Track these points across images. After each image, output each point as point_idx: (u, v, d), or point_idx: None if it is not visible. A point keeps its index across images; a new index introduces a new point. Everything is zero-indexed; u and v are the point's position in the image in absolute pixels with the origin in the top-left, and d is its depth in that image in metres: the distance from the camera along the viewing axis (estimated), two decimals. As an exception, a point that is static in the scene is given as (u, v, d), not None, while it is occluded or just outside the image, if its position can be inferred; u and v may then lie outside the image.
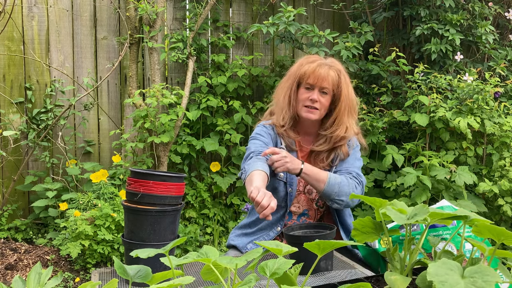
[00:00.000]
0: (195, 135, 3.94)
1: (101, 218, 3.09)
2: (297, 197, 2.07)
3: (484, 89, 3.36)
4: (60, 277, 1.01)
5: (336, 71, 1.99)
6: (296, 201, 2.07)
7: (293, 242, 1.61)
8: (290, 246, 0.99)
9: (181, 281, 0.89)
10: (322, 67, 1.97)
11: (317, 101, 1.97)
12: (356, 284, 0.94)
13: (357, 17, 4.25)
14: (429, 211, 1.00)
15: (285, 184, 2.04)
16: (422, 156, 3.39)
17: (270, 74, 4.09)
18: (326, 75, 1.96)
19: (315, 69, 1.97)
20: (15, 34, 3.73)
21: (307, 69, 1.98)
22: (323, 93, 1.98)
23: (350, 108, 2.03)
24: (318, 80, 1.96)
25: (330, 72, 1.97)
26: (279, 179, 2.04)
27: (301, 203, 2.07)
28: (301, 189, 2.07)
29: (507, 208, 3.22)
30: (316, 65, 1.98)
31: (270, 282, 1.05)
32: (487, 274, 0.81)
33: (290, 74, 2.06)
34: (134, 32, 3.73)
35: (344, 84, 2.00)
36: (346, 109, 2.01)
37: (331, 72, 1.98)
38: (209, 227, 3.78)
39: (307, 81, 1.98)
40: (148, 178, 1.54)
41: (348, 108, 2.02)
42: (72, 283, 3.00)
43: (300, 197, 2.07)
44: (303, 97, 2.00)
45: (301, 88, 2.01)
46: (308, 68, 1.98)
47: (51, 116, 3.67)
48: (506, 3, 4.18)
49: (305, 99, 1.99)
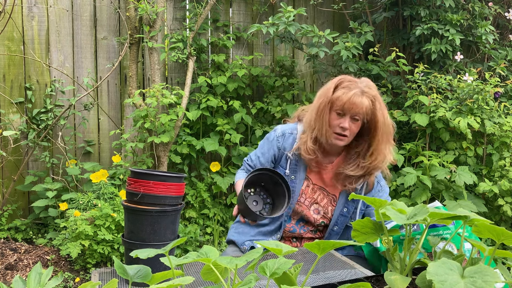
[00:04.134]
0: (195, 135, 3.94)
1: (101, 218, 3.09)
2: (297, 208, 2.07)
3: (484, 89, 3.36)
4: (60, 277, 1.01)
5: (370, 98, 1.94)
6: (294, 214, 2.08)
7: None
8: (289, 246, 0.99)
9: (181, 281, 0.89)
10: (357, 95, 1.91)
11: (347, 128, 1.94)
12: (356, 284, 0.94)
13: (357, 17, 4.25)
14: (429, 211, 1.00)
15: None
16: (422, 156, 3.39)
17: (270, 74, 4.09)
18: (360, 104, 1.91)
19: (350, 98, 1.91)
20: (15, 34, 3.73)
21: (341, 97, 1.93)
22: (354, 119, 1.95)
23: (388, 135, 1.99)
24: (352, 109, 1.92)
25: (364, 100, 1.92)
26: None
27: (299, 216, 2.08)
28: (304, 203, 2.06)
29: (507, 208, 3.22)
30: (352, 94, 1.91)
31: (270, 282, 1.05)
32: (487, 274, 0.81)
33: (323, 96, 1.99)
34: (134, 32, 3.73)
35: (379, 111, 1.95)
36: (384, 137, 1.97)
37: (365, 101, 1.92)
38: (209, 227, 3.78)
39: (340, 107, 1.93)
40: (148, 178, 1.54)
41: (386, 136, 1.98)
42: (72, 283, 3.00)
43: (300, 209, 2.07)
44: (334, 123, 1.96)
45: (332, 112, 1.96)
46: (342, 96, 1.92)
47: (51, 116, 3.67)
48: (506, 3, 4.18)
49: (336, 126, 1.95)
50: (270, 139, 2.11)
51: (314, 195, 2.06)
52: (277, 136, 2.09)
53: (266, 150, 2.10)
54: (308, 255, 1.70)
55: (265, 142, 2.13)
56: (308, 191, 2.05)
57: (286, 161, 2.05)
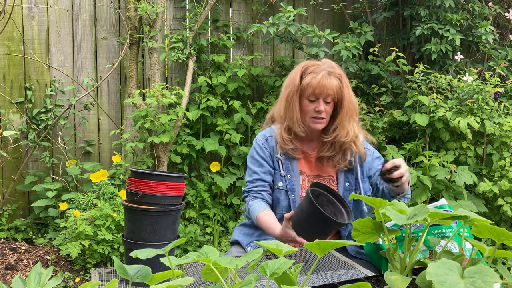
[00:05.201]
0: (195, 135, 3.94)
1: (101, 218, 3.09)
2: None
3: (484, 89, 3.36)
4: (60, 277, 1.01)
5: (337, 78, 1.97)
6: None
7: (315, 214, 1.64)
8: (290, 246, 0.99)
9: (181, 281, 0.89)
10: (325, 77, 1.94)
11: (323, 111, 1.97)
12: (356, 284, 0.94)
13: (357, 17, 4.25)
14: (429, 211, 1.00)
15: (286, 192, 2.04)
16: (422, 156, 3.39)
17: (270, 74, 4.09)
18: (330, 85, 1.94)
19: (319, 81, 1.93)
20: (15, 34, 3.73)
21: (310, 82, 1.95)
22: (326, 102, 1.97)
23: (352, 111, 2.02)
24: (323, 92, 1.94)
25: (333, 81, 1.95)
26: (279, 188, 2.04)
27: None
28: None
29: (507, 208, 3.22)
30: (321, 77, 1.94)
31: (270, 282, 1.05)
32: (486, 274, 0.81)
33: (291, 85, 2.01)
34: (134, 32, 3.73)
35: (345, 88, 1.98)
36: (348, 113, 2.00)
37: (334, 81, 1.95)
38: (209, 227, 3.78)
39: (311, 93, 1.96)
40: (148, 178, 1.54)
41: (350, 113, 2.01)
42: (72, 283, 3.00)
43: None
44: (308, 109, 1.98)
45: (304, 100, 1.98)
46: (311, 81, 1.95)
47: (51, 116, 3.67)
48: (506, 3, 4.18)
49: (311, 111, 1.97)
50: (258, 150, 2.08)
51: None
52: (262, 144, 2.08)
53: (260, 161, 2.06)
54: (308, 255, 1.70)
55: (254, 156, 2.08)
56: (306, 184, 2.06)
57: (278, 163, 2.06)
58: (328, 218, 1.63)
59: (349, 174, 2.07)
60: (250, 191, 2.06)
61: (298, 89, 1.98)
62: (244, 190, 2.09)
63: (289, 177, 2.04)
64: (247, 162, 2.12)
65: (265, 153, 2.06)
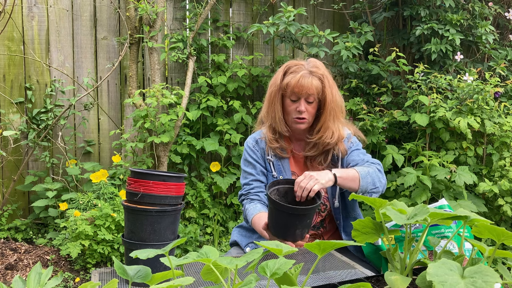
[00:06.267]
0: (195, 135, 3.94)
1: (101, 218, 3.09)
2: None
3: (484, 89, 3.36)
4: (60, 277, 1.01)
5: (319, 78, 1.96)
6: None
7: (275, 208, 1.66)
8: (289, 246, 0.99)
9: (181, 281, 0.89)
10: (305, 77, 1.93)
11: (304, 111, 1.96)
12: (356, 284, 0.94)
13: (357, 17, 4.25)
14: (429, 211, 1.00)
15: None
16: (422, 156, 3.39)
17: (270, 74, 4.09)
18: (309, 85, 1.93)
19: (298, 81, 1.93)
20: (15, 34, 3.73)
21: (289, 82, 1.95)
22: (308, 102, 1.97)
23: (336, 111, 2.01)
24: (303, 92, 1.94)
25: (313, 81, 1.94)
26: None
27: None
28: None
29: (507, 208, 3.22)
30: (299, 76, 1.93)
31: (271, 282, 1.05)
32: (487, 274, 0.81)
33: (273, 85, 2.01)
34: (134, 32, 3.73)
35: (328, 88, 1.97)
36: (332, 114, 1.99)
37: (314, 81, 1.94)
38: (209, 227, 3.78)
39: (292, 93, 1.96)
40: (148, 178, 1.54)
41: (334, 113, 2.00)
42: (72, 283, 3.00)
43: None
44: (290, 109, 1.98)
45: (286, 99, 1.99)
46: (290, 80, 1.95)
47: (51, 116, 3.67)
48: (506, 3, 4.18)
49: (293, 111, 1.98)
50: (250, 152, 2.09)
51: None
52: (253, 146, 2.09)
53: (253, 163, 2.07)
54: (308, 255, 1.70)
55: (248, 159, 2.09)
56: None
57: (269, 164, 2.06)
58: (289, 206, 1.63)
59: None
60: (247, 194, 2.06)
61: (279, 88, 1.99)
62: (240, 193, 2.10)
63: (281, 178, 2.04)
64: (241, 166, 2.13)
65: (256, 154, 2.08)
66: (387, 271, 1.05)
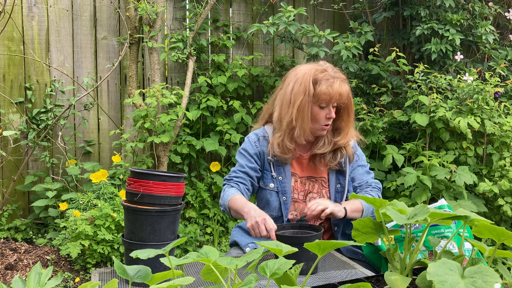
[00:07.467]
0: (195, 135, 3.94)
1: (101, 218, 3.09)
2: (293, 204, 2.05)
3: (484, 89, 3.36)
4: (60, 277, 1.01)
5: (346, 82, 1.97)
6: (293, 209, 2.06)
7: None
8: (289, 246, 0.99)
9: (181, 281, 0.89)
10: (341, 85, 1.93)
11: (333, 117, 1.98)
12: (356, 284, 0.94)
13: (357, 17, 4.25)
14: (429, 211, 1.00)
15: (277, 193, 2.03)
16: (422, 156, 3.39)
17: (270, 74, 4.09)
18: (345, 92, 1.94)
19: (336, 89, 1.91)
20: (15, 34, 3.73)
21: (327, 90, 1.91)
22: (333, 106, 1.97)
23: (353, 114, 2.06)
24: (340, 99, 1.94)
25: (346, 87, 1.95)
26: (270, 189, 2.03)
27: (299, 210, 2.06)
28: (299, 197, 2.06)
29: (507, 208, 3.22)
30: (338, 85, 1.92)
31: (270, 282, 1.05)
32: (487, 274, 0.81)
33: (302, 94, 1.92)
34: (134, 32, 3.73)
35: (350, 92, 1.99)
36: (351, 116, 2.03)
37: (347, 87, 1.96)
38: (209, 227, 3.78)
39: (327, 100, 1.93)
40: (148, 178, 1.54)
41: (353, 115, 2.05)
42: (72, 283, 3.00)
43: (297, 205, 2.05)
44: (320, 116, 1.95)
45: (314, 107, 1.95)
46: (327, 89, 1.91)
47: (51, 116, 3.67)
48: (506, 3, 4.18)
49: (322, 118, 1.96)
50: (249, 146, 2.07)
51: (305, 187, 2.06)
52: (253, 142, 2.07)
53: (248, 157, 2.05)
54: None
55: (244, 151, 2.08)
56: (298, 185, 2.06)
57: (269, 164, 2.06)
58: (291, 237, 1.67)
59: (340, 176, 2.08)
60: (230, 180, 2.05)
61: (313, 98, 1.93)
62: (224, 178, 2.09)
63: (280, 179, 2.04)
64: (236, 157, 2.11)
65: (255, 150, 2.06)
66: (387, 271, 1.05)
